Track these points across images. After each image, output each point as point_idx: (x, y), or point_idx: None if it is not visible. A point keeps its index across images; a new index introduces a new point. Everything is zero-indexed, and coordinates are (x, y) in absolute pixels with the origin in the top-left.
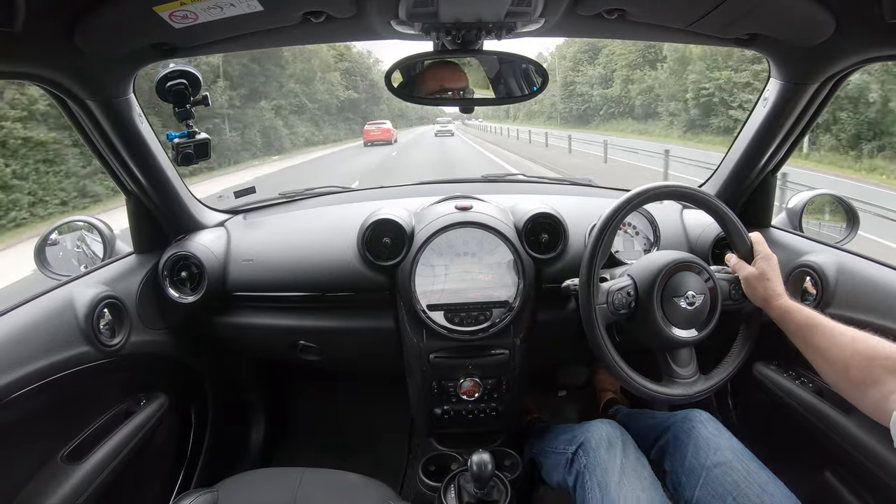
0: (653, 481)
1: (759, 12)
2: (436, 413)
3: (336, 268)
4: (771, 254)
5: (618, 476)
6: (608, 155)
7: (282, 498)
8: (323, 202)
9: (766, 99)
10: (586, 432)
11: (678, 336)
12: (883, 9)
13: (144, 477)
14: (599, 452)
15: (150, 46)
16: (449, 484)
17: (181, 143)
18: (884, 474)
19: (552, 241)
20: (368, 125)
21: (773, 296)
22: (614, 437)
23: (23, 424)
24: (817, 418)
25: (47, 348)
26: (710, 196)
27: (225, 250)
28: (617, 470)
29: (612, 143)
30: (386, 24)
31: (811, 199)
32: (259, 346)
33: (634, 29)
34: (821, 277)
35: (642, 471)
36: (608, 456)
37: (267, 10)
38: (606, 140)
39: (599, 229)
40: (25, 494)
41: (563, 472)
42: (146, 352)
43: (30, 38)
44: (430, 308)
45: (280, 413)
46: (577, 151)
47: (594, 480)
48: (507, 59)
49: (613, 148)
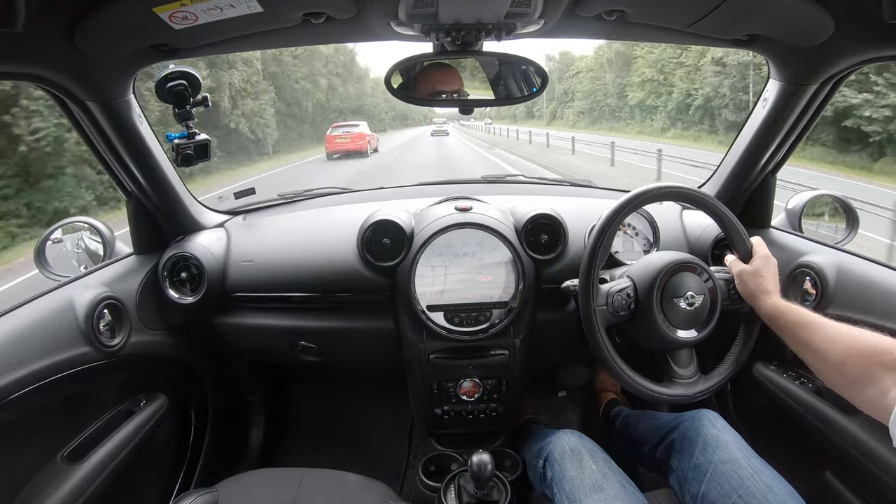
0: (626, 488)
1: (759, 13)
2: (436, 413)
3: (336, 269)
4: (769, 255)
5: (588, 487)
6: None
7: (281, 498)
8: (322, 203)
9: (766, 99)
10: (549, 444)
11: (678, 337)
12: (883, 9)
13: (144, 477)
14: (563, 464)
15: (150, 47)
16: (449, 484)
17: (181, 143)
18: (884, 474)
19: (552, 242)
20: (334, 128)
21: (764, 293)
22: (577, 447)
23: (23, 424)
24: (817, 418)
25: (47, 349)
26: (710, 197)
27: (225, 251)
28: (587, 480)
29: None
30: (386, 25)
31: (811, 200)
32: (259, 347)
33: (634, 30)
34: (820, 278)
35: (614, 480)
36: (572, 467)
37: (267, 12)
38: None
39: (599, 230)
40: (25, 494)
41: (539, 483)
42: (146, 352)
43: (30, 39)
44: (429, 309)
45: (280, 413)
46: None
47: (563, 494)
48: (506, 60)
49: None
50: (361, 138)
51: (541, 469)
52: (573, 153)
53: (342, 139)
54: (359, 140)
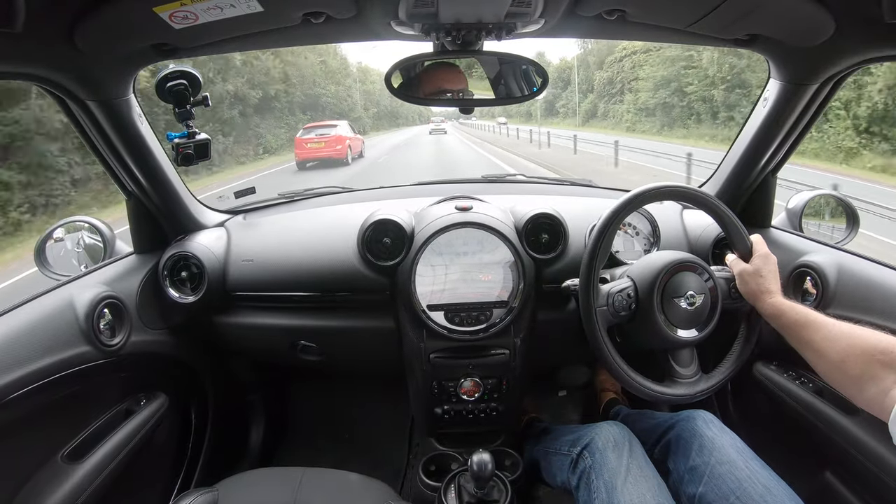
0: (659, 482)
1: (759, 13)
2: (436, 413)
3: (336, 268)
4: (769, 254)
5: (623, 476)
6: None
7: (282, 498)
8: (323, 202)
9: (766, 99)
10: (593, 433)
11: (679, 336)
12: (883, 9)
13: (144, 477)
14: (606, 453)
15: (150, 47)
16: (449, 484)
17: (181, 143)
18: (884, 474)
19: (552, 242)
20: (305, 130)
21: (766, 292)
22: (621, 438)
23: (23, 424)
24: (817, 418)
25: (47, 348)
26: (710, 196)
27: (225, 250)
28: (623, 470)
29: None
30: (386, 25)
31: (811, 200)
32: (259, 347)
33: (634, 30)
34: (821, 278)
35: (649, 472)
36: (614, 456)
37: (267, 11)
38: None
39: (599, 230)
40: (25, 494)
41: (566, 472)
42: (146, 352)
43: (30, 39)
44: (430, 308)
45: (280, 413)
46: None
47: (601, 480)
48: (506, 60)
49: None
50: (340, 142)
51: (575, 457)
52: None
53: (315, 143)
54: (336, 144)
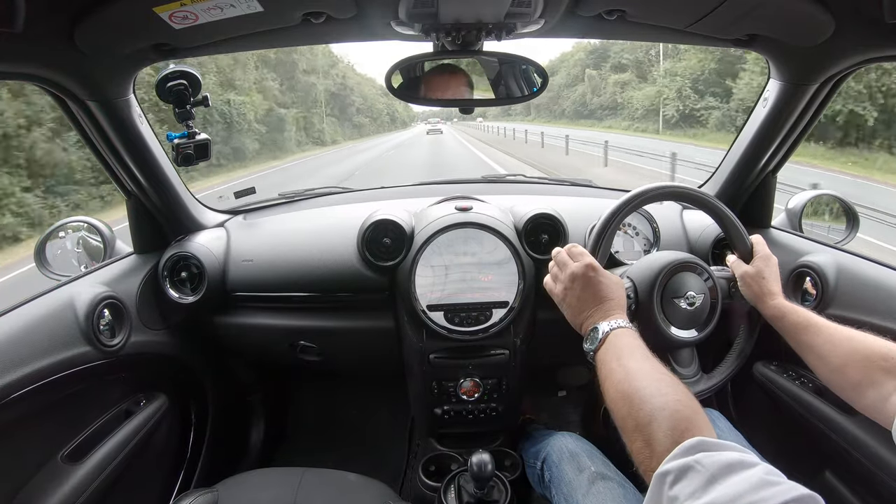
0: (626, 491)
1: (759, 13)
2: (436, 413)
3: (336, 268)
4: (770, 254)
5: (585, 490)
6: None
7: (282, 498)
8: (323, 202)
9: (766, 99)
10: (548, 447)
11: (679, 337)
12: (883, 9)
13: (144, 477)
14: (562, 466)
15: (150, 47)
16: (449, 484)
17: (181, 143)
18: (884, 474)
19: (552, 242)
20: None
21: (768, 294)
22: (576, 449)
23: (23, 424)
24: (817, 418)
25: (47, 348)
26: (710, 197)
27: (225, 251)
28: (584, 483)
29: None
30: (386, 25)
31: (811, 200)
32: (259, 347)
33: (634, 30)
34: (821, 278)
35: (613, 483)
36: (570, 469)
37: (267, 11)
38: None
39: (599, 230)
40: (25, 494)
41: (538, 484)
42: (146, 352)
43: (30, 38)
44: (430, 308)
45: (280, 413)
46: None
47: (560, 496)
48: (506, 60)
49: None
50: None
51: (539, 471)
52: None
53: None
54: None
